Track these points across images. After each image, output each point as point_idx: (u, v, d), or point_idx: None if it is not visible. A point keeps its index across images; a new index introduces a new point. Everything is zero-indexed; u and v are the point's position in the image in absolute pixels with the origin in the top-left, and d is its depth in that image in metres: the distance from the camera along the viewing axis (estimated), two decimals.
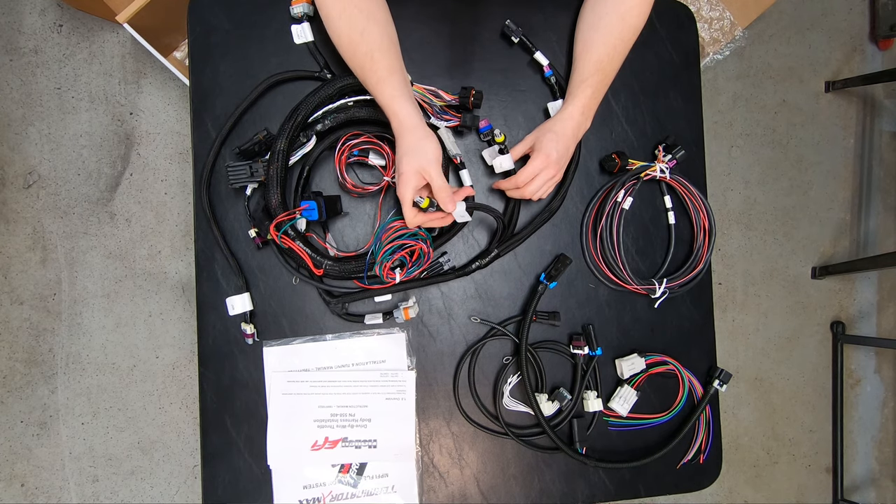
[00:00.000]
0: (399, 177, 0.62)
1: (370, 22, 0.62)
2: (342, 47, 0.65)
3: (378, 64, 0.62)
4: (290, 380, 0.72)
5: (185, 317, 1.36)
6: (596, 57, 0.70)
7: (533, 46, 0.76)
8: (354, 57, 0.64)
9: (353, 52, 0.63)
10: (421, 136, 0.62)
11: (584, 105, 0.69)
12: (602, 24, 0.70)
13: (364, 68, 0.63)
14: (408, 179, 0.61)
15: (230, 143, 0.72)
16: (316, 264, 0.66)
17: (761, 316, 1.61)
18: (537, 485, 0.76)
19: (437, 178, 0.61)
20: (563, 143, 0.68)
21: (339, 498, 0.72)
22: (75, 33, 1.34)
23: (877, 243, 1.67)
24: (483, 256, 0.72)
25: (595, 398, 0.76)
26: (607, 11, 0.70)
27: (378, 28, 0.63)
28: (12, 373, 1.32)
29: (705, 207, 0.80)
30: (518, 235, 0.74)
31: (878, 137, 1.67)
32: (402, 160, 0.62)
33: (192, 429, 1.36)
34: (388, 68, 0.63)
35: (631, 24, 0.69)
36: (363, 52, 0.63)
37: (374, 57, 0.62)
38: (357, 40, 0.63)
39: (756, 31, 1.59)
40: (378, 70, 0.62)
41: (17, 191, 1.33)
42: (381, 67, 0.62)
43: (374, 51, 0.62)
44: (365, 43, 0.62)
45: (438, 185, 0.61)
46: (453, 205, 0.62)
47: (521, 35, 0.75)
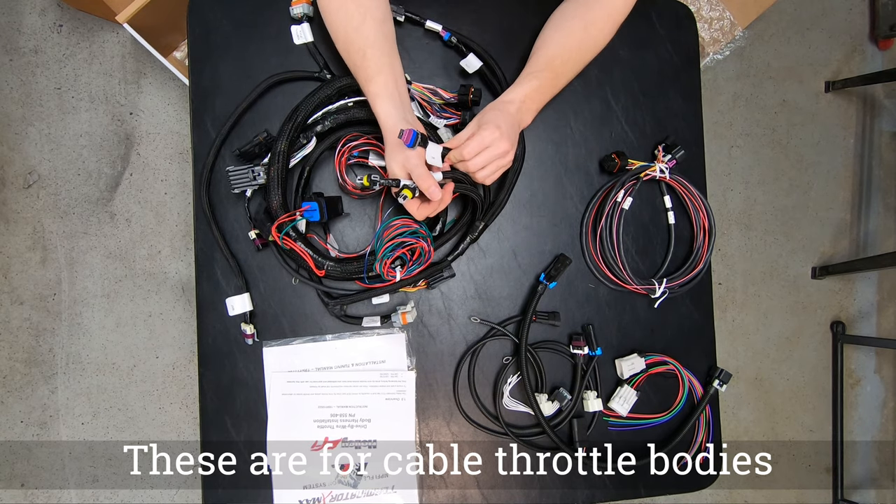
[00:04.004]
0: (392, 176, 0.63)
1: (366, 18, 0.62)
2: (338, 43, 0.65)
3: (368, 61, 0.62)
4: (290, 380, 0.72)
5: (185, 317, 1.36)
6: (550, 53, 0.68)
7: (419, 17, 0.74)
8: (348, 53, 0.64)
9: (348, 48, 0.64)
10: None
11: (525, 94, 0.66)
12: (566, 25, 0.69)
13: (356, 65, 0.64)
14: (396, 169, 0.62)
15: (230, 143, 0.72)
16: (318, 265, 0.66)
17: (761, 316, 1.61)
18: (537, 485, 0.76)
19: (418, 170, 0.61)
20: (508, 119, 0.63)
21: (339, 498, 0.72)
22: (75, 33, 1.34)
23: (877, 243, 1.67)
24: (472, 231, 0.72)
25: (595, 398, 0.76)
26: (574, 15, 0.69)
27: (374, 25, 0.63)
28: (12, 373, 1.32)
29: (705, 207, 0.80)
30: (497, 201, 0.73)
31: (878, 137, 1.67)
32: (389, 161, 0.63)
33: (192, 429, 1.36)
34: (378, 66, 0.63)
35: (593, 34, 0.69)
36: (356, 49, 0.63)
37: (365, 54, 0.62)
38: (352, 37, 0.63)
39: (756, 31, 1.59)
40: (368, 67, 0.63)
41: (17, 191, 1.33)
42: (371, 65, 0.63)
43: (367, 48, 0.62)
44: (359, 39, 0.62)
45: (420, 176, 0.60)
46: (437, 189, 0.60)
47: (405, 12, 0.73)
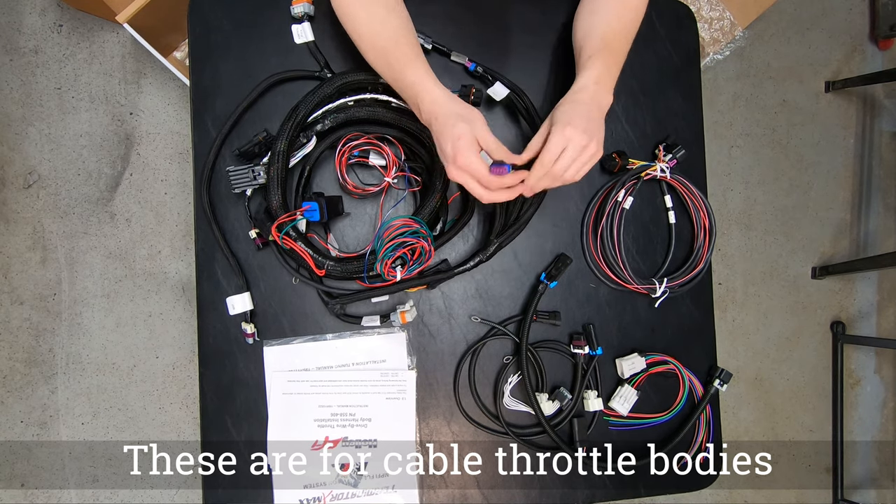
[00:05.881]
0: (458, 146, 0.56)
1: (390, 13, 0.63)
2: (363, 37, 0.64)
3: (404, 47, 0.62)
4: (291, 379, 0.72)
5: (185, 317, 1.36)
6: (600, 33, 0.67)
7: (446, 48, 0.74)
8: (377, 43, 0.63)
9: (375, 39, 0.63)
10: (461, 105, 0.60)
11: (596, 76, 0.63)
12: (601, 8, 0.69)
13: (388, 53, 0.62)
14: (468, 141, 0.56)
15: (230, 142, 0.72)
16: (318, 265, 0.66)
17: (761, 316, 1.61)
18: (537, 485, 0.76)
19: (490, 137, 0.58)
20: (582, 109, 0.60)
21: (339, 498, 0.72)
22: (75, 33, 1.34)
23: (877, 243, 1.67)
24: (484, 250, 0.71)
25: (595, 398, 0.76)
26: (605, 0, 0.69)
27: (399, 19, 0.64)
28: (12, 373, 1.32)
29: (705, 207, 0.80)
30: (515, 225, 0.72)
31: (878, 137, 1.67)
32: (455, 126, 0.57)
33: (192, 429, 1.36)
34: (414, 52, 0.62)
35: (630, 5, 0.68)
36: (387, 37, 0.62)
37: (399, 41, 0.62)
38: (379, 29, 0.63)
39: (756, 31, 1.59)
40: (406, 52, 0.62)
41: (17, 191, 1.33)
42: (409, 50, 0.62)
43: (400, 36, 0.62)
44: (388, 30, 0.63)
45: (494, 144, 0.59)
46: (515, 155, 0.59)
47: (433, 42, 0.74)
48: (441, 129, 0.59)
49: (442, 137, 0.59)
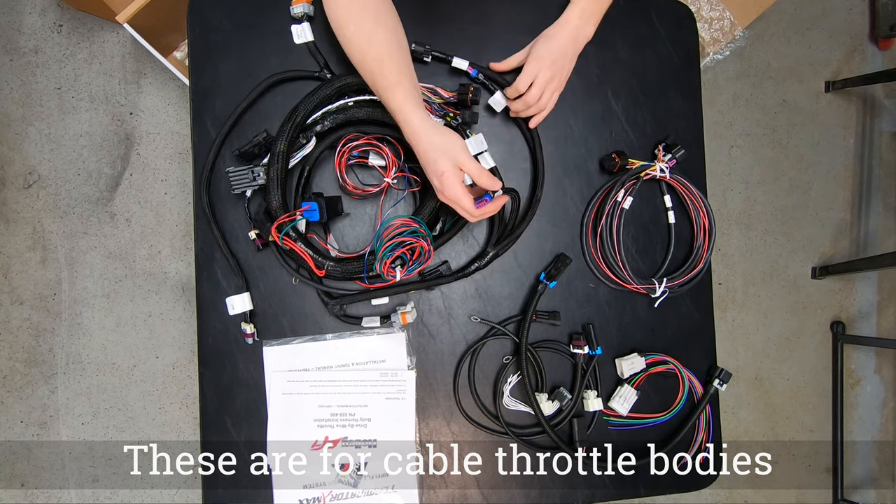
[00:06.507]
0: (443, 180, 0.61)
1: (378, 27, 0.62)
2: (352, 54, 0.64)
3: (387, 69, 0.62)
4: (290, 379, 0.72)
5: (185, 317, 1.36)
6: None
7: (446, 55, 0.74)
8: (364, 62, 0.63)
9: (363, 57, 0.63)
10: (440, 134, 0.61)
11: (581, 9, 0.68)
12: None
13: (374, 73, 0.63)
14: (452, 176, 0.60)
15: (230, 142, 0.72)
16: (318, 265, 0.66)
17: (761, 316, 1.61)
18: (537, 485, 0.76)
19: (471, 163, 0.61)
20: (556, 43, 0.68)
21: (339, 498, 0.72)
22: (75, 33, 1.34)
23: (877, 243, 1.67)
24: (481, 257, 0.72)
25: (595, 398, 0.76)
26: None
27: (387, 33, 0.63)
28: (12, 373, 1.32)
29: (705, 207, 0.80)
30: (514, 233, 0.74)
31: (878, 137, 1.67)
32: (437, 162, 0.61)
33: (192, 429, 1.36)
34: (398, 74, 0.62)
35: None
36: (372, 58, 0.62)
37: (383, 62, 0.62)
38: (365, 47, 0.62)
39: (756, 31, 1.59)
40: (388, 76, 0.62)
41: (17, 191, 1.33)
42: (391, 73, 0.62)
43: (384, 56, 0.62)
44: (374, 49, 0.62)
45: (476, 170, 0.61)
46: (496, 181, 0.63)
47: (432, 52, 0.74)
48: (424, 162, 0.63)
49: (427, 169, 0.63)
